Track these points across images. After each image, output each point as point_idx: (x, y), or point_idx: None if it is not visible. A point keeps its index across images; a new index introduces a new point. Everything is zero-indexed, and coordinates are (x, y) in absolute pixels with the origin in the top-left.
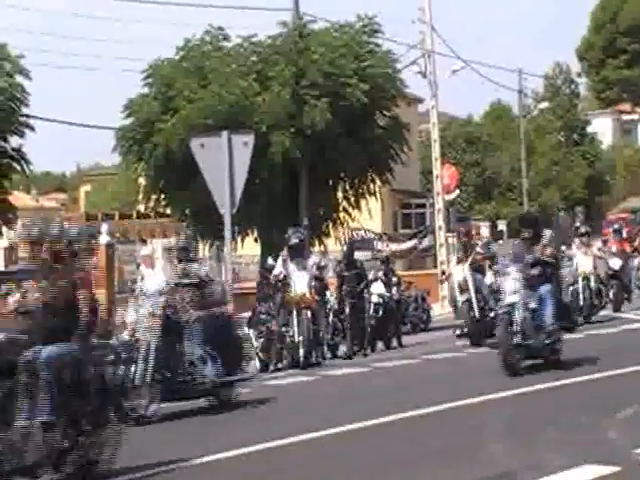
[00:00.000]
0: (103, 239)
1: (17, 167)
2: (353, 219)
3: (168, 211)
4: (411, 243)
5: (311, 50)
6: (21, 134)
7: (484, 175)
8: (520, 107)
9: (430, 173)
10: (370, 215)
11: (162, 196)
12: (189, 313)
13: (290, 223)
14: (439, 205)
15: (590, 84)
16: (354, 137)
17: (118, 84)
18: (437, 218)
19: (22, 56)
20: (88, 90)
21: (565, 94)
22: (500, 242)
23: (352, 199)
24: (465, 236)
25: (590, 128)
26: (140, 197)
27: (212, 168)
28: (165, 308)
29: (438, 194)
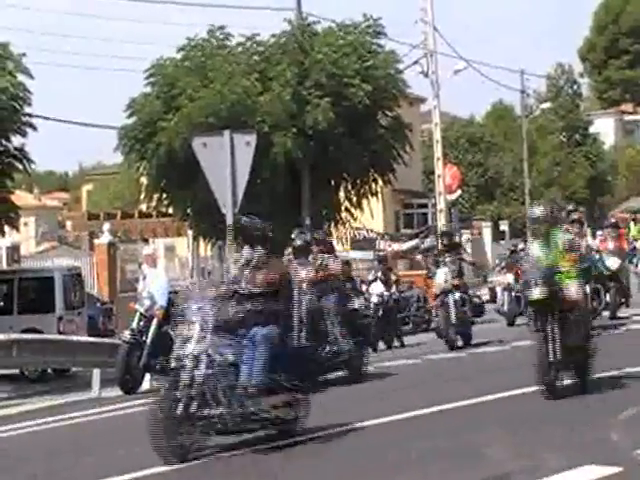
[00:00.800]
0: (105, 238)
1: (19, 166)
2: (355, 219)
3: (170, 210)
4: (413, 243)
5: (315, 50)
6: (23, 133)
7: (486, 175)
8: (522, 107)
9: (432, 173)
10: (372, 215)
11: (164, 195)
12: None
13: (292, 223)
14: (441, 205)
15: (592, 84)
16: (356, 137)
17: (120, 83)
18: (439, 218)
19: (24, 55)
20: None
21: (567, 94)
22: (502, 242)
23: (354, 199)
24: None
25: (592, 128)
26: (142, 196)
27: (214, 167)
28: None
29: (440, 194)
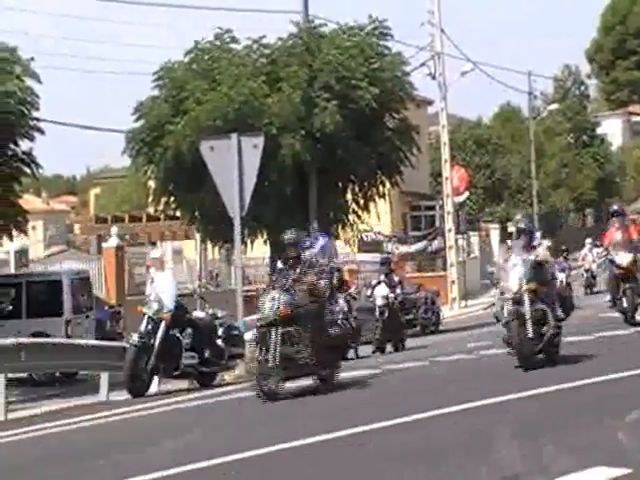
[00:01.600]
0: (113, 242)
1: (27, 170)
2: (362, 221)
3: (178, 214)
4: (421, 245)
5: (324, 52)
6: (31, 137)
7: (494, 177)
8: (530, 109)
9: (440, 175)
10: (379, 217)
11: (172, 199)
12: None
13: (300, 225)
14: (449, 207)
15: (600, 86)
16: (363, 139)
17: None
18: (447, 220)
19: (32, 59)
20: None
21: (575, 96)
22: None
23: (361, 201)
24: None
25: (600, 129)
26: (150, 200)
27: (222, 170)
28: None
29: (448, 196)
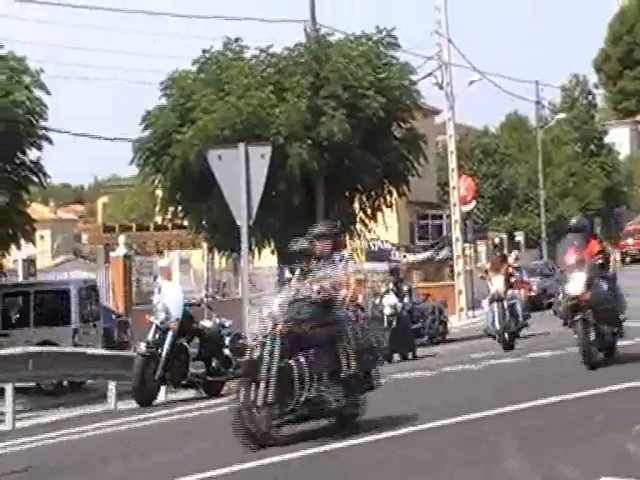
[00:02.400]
0: (120, 251)
1: (35, 179)
2: (370, 230)
3: (185, 223)
4: (428, 254)
5: (331, 61)
6: (39, 147)
7: (501, 186)
8: (537, 118)
9: (447, 184)
10: (386, 227)
11: (179, 208)
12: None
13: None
14: (456, 216)
15: (607, 95)
16: (371, 148)
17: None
18: (454, 229)
19: (42, 70)
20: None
21: (582, 105)
22: (517, 252)
23: (369, 210)
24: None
25: (607, 139)
26: (157, 209)
27: (229, 180)
28: None
29: (455, 205)
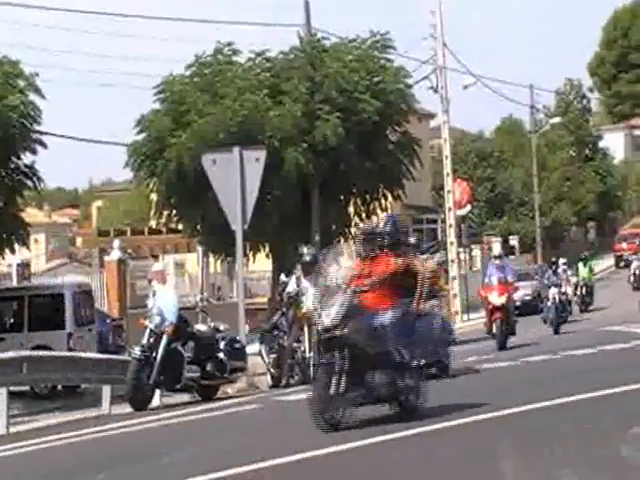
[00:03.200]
0: (115, 255)
1: (29, 183)
2: None
3: (180, 227)
4: (422, 258)
5: (326, 65)
6: (33, 151)
7: (496, 190)
8: (532, 122)
9: (442, 188)
10: None
11: (174, 212)
12: None
13: (302, 238)
14: (451, 220)
15: (602, 99)
16: (365, 152)
17: (130, 100)
18: (449, 233)
19: (37, 74)
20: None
21: (577, 109)
22: (512, 257)
23: (364, 214)
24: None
25: (602, 143)
26: (152, 213)
27: (224, 184)
28: None
29: (450, 209)
